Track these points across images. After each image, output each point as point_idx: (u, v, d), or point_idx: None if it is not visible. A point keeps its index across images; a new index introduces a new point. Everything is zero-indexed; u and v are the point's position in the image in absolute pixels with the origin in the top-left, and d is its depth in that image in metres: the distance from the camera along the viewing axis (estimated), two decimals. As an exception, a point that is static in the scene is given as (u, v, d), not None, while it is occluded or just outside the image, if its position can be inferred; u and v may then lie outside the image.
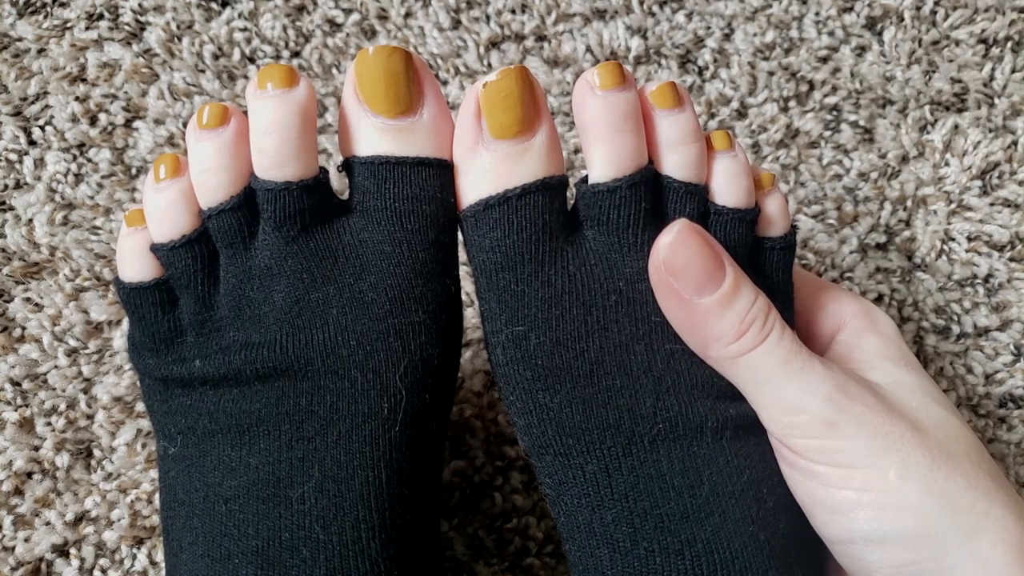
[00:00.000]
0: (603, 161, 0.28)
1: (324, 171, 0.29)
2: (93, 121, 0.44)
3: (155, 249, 0.29)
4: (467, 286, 0.42)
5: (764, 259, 0.30)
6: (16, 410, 0.40)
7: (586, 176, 0.28)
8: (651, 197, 0.28)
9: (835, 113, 0.46)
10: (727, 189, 0.29)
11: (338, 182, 0.42)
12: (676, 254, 0.27)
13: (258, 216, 0.28)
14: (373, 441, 0.28)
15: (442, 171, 0.29)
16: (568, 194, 0.29)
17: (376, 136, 0.28)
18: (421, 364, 0.28)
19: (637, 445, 0.27)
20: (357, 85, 0.28)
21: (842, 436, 0.26)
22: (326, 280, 0.28)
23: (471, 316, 0.42)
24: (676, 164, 0.28)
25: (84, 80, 0.45)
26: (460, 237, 0.30)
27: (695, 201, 0.29)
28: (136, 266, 0.29)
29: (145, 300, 0.29)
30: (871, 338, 0.31)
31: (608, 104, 0.27)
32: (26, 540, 0.39)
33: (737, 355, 0.27)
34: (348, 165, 0.29)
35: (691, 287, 0.27)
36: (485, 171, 0.28)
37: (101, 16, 0.45)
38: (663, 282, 0.27)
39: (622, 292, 0.28)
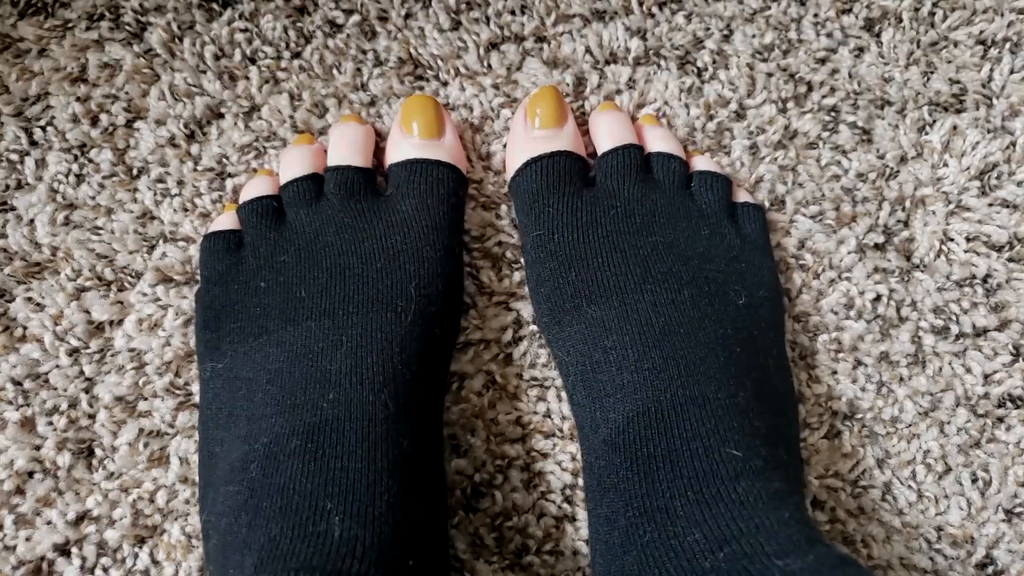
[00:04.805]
0: (606, 139, 0.42)
1: (375, 168, 0.42)
2: (94, 121, 0.44)
3: (282, 187, 0.41)
4: (470, 286, 0.42)
5: (738, 212, 0.42)
6: (18, 410, 0.40)
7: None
8: (640, 158, 0.42)
9: (833, 114, 0.46)
10: (702, 163, 0.43)
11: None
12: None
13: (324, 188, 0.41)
14: (391, 322, 0.36)
15: (454, 172, 0.41)
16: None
17: (411, 150, 0.41)
18: (428, 282, 0.38)
19: (628, 292, 0.37)
20: (402, 118, 0.42)
21: None
22: (366, 227, 0.39)
23: (472, 316, 0.42)
24: (659, 145, 0.43)
25: (85, 80, 0.45)
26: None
27: (675, 162, 0.42)
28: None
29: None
30: None
31: (611, 115, 0.43)
32: (27, 539, 0.39)
33: None
34: (389, 170, 0.42)
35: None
36: (531, 146, 0.41)
37: (102, 16, 0.45)
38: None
39: (616, 208, 0.40)
